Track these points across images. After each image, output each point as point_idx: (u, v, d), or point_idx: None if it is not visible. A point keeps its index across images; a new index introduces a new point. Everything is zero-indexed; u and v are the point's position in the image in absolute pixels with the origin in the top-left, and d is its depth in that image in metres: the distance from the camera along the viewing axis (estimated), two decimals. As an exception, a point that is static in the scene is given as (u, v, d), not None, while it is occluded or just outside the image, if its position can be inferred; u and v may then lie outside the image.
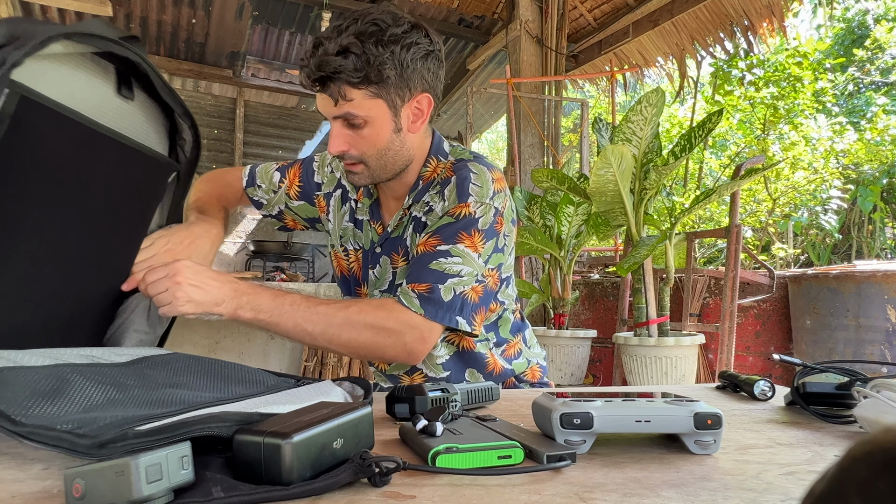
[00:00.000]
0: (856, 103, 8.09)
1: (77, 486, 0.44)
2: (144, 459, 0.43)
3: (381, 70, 0.96)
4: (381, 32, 0.96)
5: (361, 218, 1.21)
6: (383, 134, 1.03)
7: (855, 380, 0.79)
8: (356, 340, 0.99)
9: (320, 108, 1.03)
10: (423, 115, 1.07)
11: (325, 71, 0.95)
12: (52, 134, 0.75)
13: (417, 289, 1.02)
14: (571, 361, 3.52)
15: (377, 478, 0.49)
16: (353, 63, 0.95)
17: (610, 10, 5.12)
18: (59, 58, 0.75)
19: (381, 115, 1.01)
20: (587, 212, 3.39)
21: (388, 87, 0.99)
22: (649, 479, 0.54)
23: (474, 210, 1.06)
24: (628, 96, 9.81)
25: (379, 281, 1.18)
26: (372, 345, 1.00)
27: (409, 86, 1.02)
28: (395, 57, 0.97)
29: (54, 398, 0.58)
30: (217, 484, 0.47)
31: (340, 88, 0.97)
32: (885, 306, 2.73)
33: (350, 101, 0.98)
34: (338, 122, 1.02)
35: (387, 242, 1.16)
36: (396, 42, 0.97)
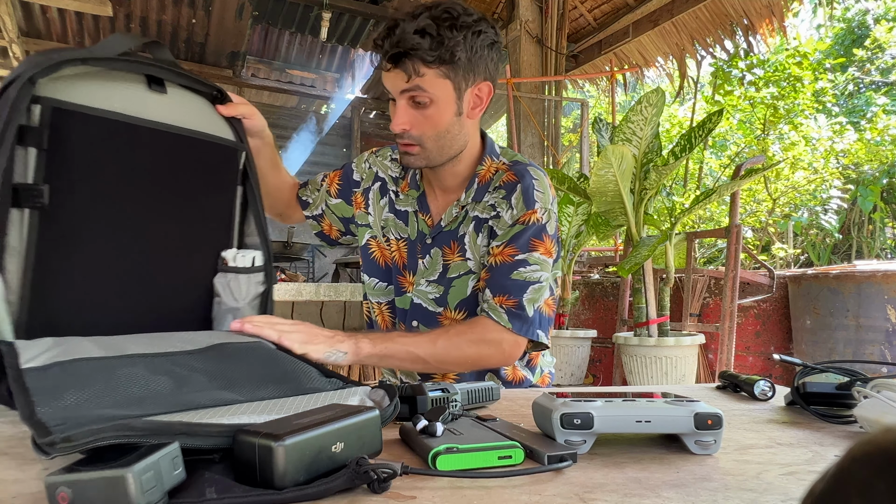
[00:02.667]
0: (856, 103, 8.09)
1: (63, 495, 0.42)
2: (139, 468, 0.42)
3: (453, 52, 1.03)
4: (454, 18, 1.04)
5: (404, 209, 1.25)
6: (446, 115, 1.09)
7: (855, 380, 0.79)
8: (463, 356, 1.09)
9: (389, 86, 1.08)
10: (482, 102, 1.13)
11: (402, 47, 1.01)
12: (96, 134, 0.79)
13: (505, 304, 1.10)
14: (571, 361, 3.52)
15: (375, 484, 0.49)
16: (428, 42, 1.01)
17: (610, 10, 5.12)
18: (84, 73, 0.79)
19: (447, 96, 1.07)
20: (587, 212, 3.39)
21: (457, 69, 1.06)
22: (650, 479, 0.54)
23: (541, 216, 1.13)
24: (628, 96, 9.81)
25: (428, 271, 1.21)
26: (476, 357, 1.10)
27: (474, 71, 1.08)
28: (466, 41, 1.04)
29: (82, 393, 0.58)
30: (212, 485, 0.47)
31: (415, 64, 1.03)
32: (885, 306, 2.72)
33: (421, 77, 1.04)
34: (403, 100, 1.07)
35: (440, 235, 1.21)
36: (468, 28, 1.05)
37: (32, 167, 0.73)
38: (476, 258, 1.18)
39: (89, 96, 0.79)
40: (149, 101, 0.86)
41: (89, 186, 0.79)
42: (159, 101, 0.87)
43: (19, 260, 0.74)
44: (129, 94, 0.84)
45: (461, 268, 1.18)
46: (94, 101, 0.79)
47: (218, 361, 0.73)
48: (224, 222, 0.96)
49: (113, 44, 0.82)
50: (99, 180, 0.80)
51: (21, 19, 5.17)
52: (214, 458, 0.52)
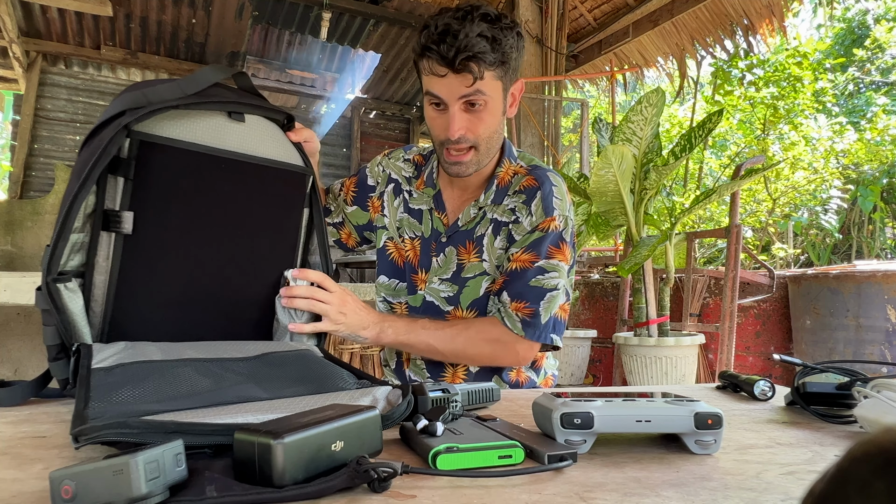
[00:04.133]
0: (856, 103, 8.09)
1: (66, 488, 0.43)
2: (143, 457, 0.43)
3: (507, 53, 1.06)
4: (500, 20, 1.05)
5: (418, 207, 1.27)
6: (496, 116, 1.11)
7: (855, 380, 0.79)
8: (478, 354, 1.15)
9: (442, 93, 1.07)
10: (515, 100, 1.17)
11: (470, 51, 1.02)
12: (177, 164, 0.88)
13: (521, 312, 1.13)
14: (571, 361, 3.52)
15: (375, 483, 0.49)
16: (490, 46, 1.03)
17: (610, 10, 5.12)
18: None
19: (498, 97, 1.10)
20: (587, 212, 3.39)
21: (508, 69, 1.09)
22: (649, 478, 0.54)
23: (559, 224, 1.16)
24: (628, 96, 9.81)
25: (442, 269, 1.22)
26: (490, 355, 1.15)
27: (515, 71, 1.12)
28: (515, 43, 1.07)
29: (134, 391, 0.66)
30: (212, 483, 0.47)
31: (480, 68, 1.04)
32: (885, 306, 2.72)
33: (482, 80, 1.05)
34: (459, 105, 1.07)
35: (456, 234, 1.22)
36: (512, 29, 1.07)
37: (119, 195, 0.83)
38: (492, 260, 1.19)
39: (174, 129, 0.88)
40: (228, 130, 0.94)
41: (169, 212, 0.88)
42: (238, 130, 0.95)
43: (105, 276, 0.84)
44: (211, 125, 0.92)
45: (476, 268, 1.19)
46: (178, 133, 0.88)
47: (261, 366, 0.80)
48: (290, 242, 1.03)
49: (203, 78, 0.91)
50: (178, 206, 0.89)
51: (21, 19, 5.17)
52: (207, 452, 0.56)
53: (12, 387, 0.86)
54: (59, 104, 5.44)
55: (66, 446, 0.64)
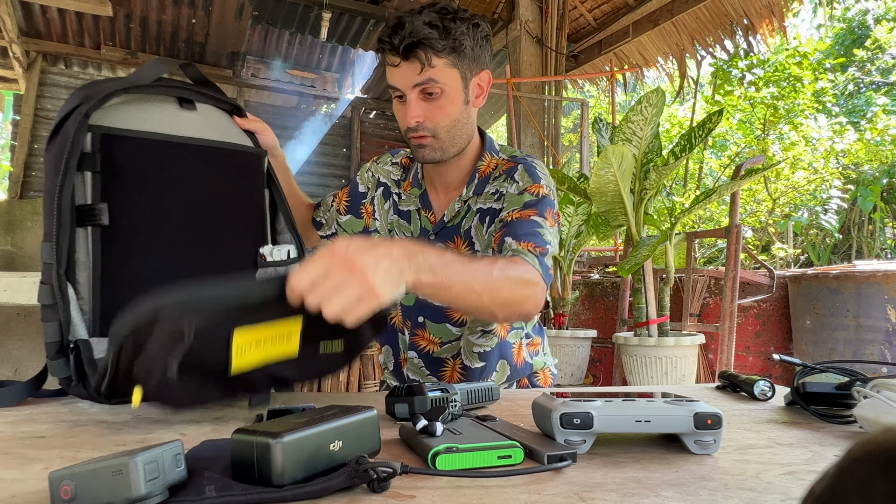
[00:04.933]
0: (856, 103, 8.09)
1: (66, 489, 0.43)
2: (142, 458, 0.43)
3: (460, 41, 1.09)
4: (455, 12, 1.10)
5: (407, 209, 1.28)
6: (456, 104, 1.12)
7: (855, 380, 0.79)
8: (511, 295, 0.98)
9: (398, 82, 1.10)
10: (483, 91, 1.18)
11: (415, 37, 1.05)
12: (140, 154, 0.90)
13: (533, 250, 1.06)
14: (571, 361, 3.52)
15: (375, 483, 0.49)
16: (437, 33, 1.07)
17: (610, 10, 5.12)
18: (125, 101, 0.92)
19: (456, 86, 1.11)
20: (587, 212, 3.39)
21: (464, 58, 1.11)
22: (649, 478, 0.54)
23: (548, 192, 1.15)
24: (628, 96, 9.81)
25: None
26: (520, 298, 0.99)
27: (477, 60, 1.13)
28: (468, 32, 1.10)
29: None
30: (212, 483, 0.47)
31: (427, 54, 1.07)
32: (885, 306, 2.72)
33: (433, 67, 1.08)
34: (415, 94, 1.10)
35: (443, 230, 1.23)
36: (468, 20, 1.11)
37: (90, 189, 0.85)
38: (483, 247, 1.20)
39: (132, 121, 0.90)
40: (182, 119, 0.96)
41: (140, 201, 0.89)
42: (190, 118, 0.97)
43: (88, 272, 0.85)
44: (165, 115, 0.94)
45: None
46: (136, 124, 0.90)
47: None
48: (258, 222, 1.04)
49: (150, 71, 0.94)
50: (148, 195, 0.90)
51: (21, 19, 5.17)
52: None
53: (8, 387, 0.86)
54: (59, 104, 5.43)
55: (66, 446, 0.64)
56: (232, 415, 0.81)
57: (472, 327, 1.22)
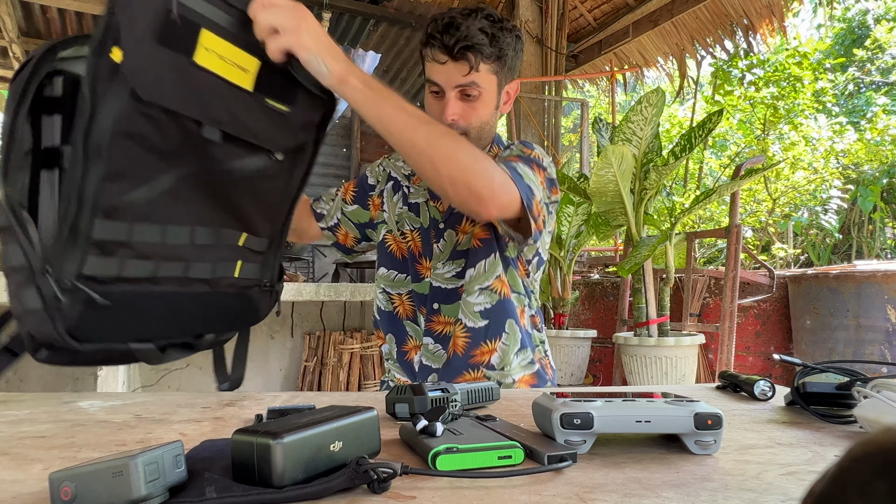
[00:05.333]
0: (856, 103, 8.09)
1: (66, 490, 0.43)
2: (142, 458, 0.43)
3: (505, 51, 1.14)
4: (502, 21, 1.15)
5: (416, 201, 1.31)
6: (489, 108, 1.18)
7: (855, 380, 0.79)
8: (455, 154, 0.94)
9: (441, 79, 1.15)
10: (510, 99, 1.24)
11: (469, 41, 1.10)
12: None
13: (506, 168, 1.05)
14: (571, 361, 3.52)
15: (375, 484, 0.49)
16: (488, 40, 1.12)
17: (610, 10, 5.12)
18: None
19: (492, 91, 1.17)
20: (587, 212, 3.39)
21: (504, 67, 1.17)
22: (649, 479, 0.54)
23: (541, 158, 1.19)
24: (628, 96, 9.81)
25: (443, 254, 1.27)
26: (466, 165, 0.95)
27: (512, 70, 1.20)
28: (512, 43, 1.16)
29: None
30: (212, 484, 0.47)
31: (476, 58, 1.12)
32: (885, 306, 2.73)
33: (478, 72, 1.13)
34: (455, 93, 1.15)
35: (451, 217, 1.26)
36: (511, 31, 1.16)
37: (57, 132, 0.81)
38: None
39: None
40: None
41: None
42: None
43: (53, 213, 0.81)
44: None
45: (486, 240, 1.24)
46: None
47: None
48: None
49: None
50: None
51: (21, 19, 5.17)
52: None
53: None
54: (59, 104, 5.44)
55: (66, 446, 0.64)
56: (232, 414, 0.81)
57: (469, 286, 1.23)
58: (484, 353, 1.23)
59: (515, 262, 1.27)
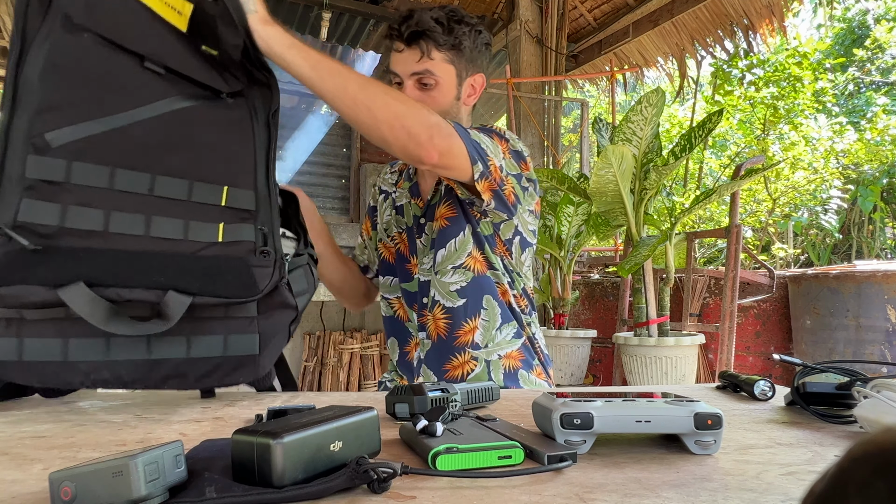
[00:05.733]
0: (856, 103, 8.09)
1: (66, 490, 0.43)
2: (143, 458, 0.43)
3: (460, 41, 1.19)
4: (461, 16, 1.20)
5: (400, 203, 1.36)
6: (447, 98, 1.21)
7: (855, 380, 0.79)
8: (389, 99, 0.96)
9: (398, 68, 1.20)
10: (475, 92, 1.27)
11: (420, 27, 1.15)
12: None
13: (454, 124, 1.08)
14: (571, 361, 3.52)
15: (375, 484, 0.49)
16: (441, 29, 1.17)
17: (610, 10, 5.12)
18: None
19: (450, 81, 1.21)
20: (587, 212, 3.39)
21: (461, 58, 1.21)
22: (649, 479, 0.54)
23: (502, 131, 1.22)
24: (628, 96, 9.81)
25: (425, 247, 1.29)
26: (402, 110, 0.97)
27: (473, 63, 1.23)
28: (469, 35, 1.20)
29: None
30: (212, 484, 0.47)
31: (428, 45, 1.17)
32: (885, 306, 2.73)
33: (431, 59, 1.17)
34: (411, 83, 1.19)
35: (429, 210, 1.30)
36: (471, 25, 1.21)
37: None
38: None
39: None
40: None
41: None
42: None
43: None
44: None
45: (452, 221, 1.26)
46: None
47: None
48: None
49: None
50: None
51: (21, 19, 5.17)
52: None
53: None
54: (59, 104, 5.44)
55: (66, 446, 0.64)
56: (232, 414, 0.81)
57: (442, 267, 1.24)
58: (466, 333, 1.23)
59: (493, 240, 1.25)
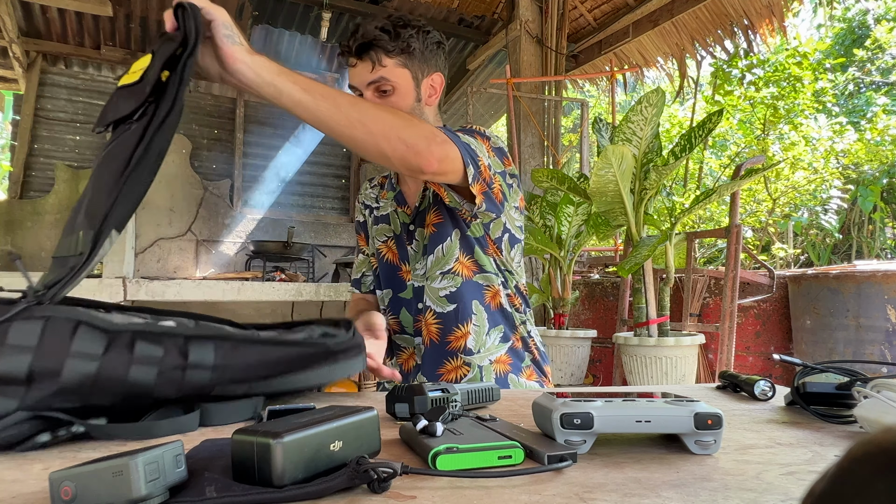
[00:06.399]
0: (856, 103, 8.09)
1: (66, 489, 0.43)
2: (143, 458, 0.43)
3: (409, 43, 1.21)
4: (406, 20, 1.23)
5: (385, 213, 1.38)
6: (407, 101, 1.23)
7: (855, 380, 0.79)
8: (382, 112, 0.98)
9: (355, 81, 1.22)
10: (436, 91, 1.28)
11: (366, 38, 1.18)
12: None
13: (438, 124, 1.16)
14: (571, 361, 3.52)
15: (375, 484, 0.49)
16: (387, 35, 1.19)
17: (610, 10, 5.11)
18: None
19: (406, 84, 1.22)
20: (587, 212, 3.39)
21: (413, 59, 1.22)
22: (650, 479, 0.54)
23: (483, 130, 1.24)
24: (628, 96, 9.81)
25: (417, 253, 1.30)
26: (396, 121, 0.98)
27: (427, 63, 1.24)
28: (418, 36, 1.22)
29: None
30: (212, 483, 0.47)
31: (377, 54, 1.19)
32: (885, 306, 2.72)
33: (384, 66, 1.19)
34: (370, 91, 1.21)
35: (418, 216, 1.31)
36: (418, 27, 1.23)
37: None
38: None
39: None
40: None
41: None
42: None
43: None
44: None
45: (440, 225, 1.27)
46: None
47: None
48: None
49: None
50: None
51: (21, 19, 5.17)
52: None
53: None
54: (59, 104, 5.43)
55: (66, 446, 0.64)
56: (232, 415, 0.81)
57: (431, 273, 1.26)
58: (458, 338, 1.25)
59: (484, 241, 1.26)
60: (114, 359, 0.64)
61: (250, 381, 0.74)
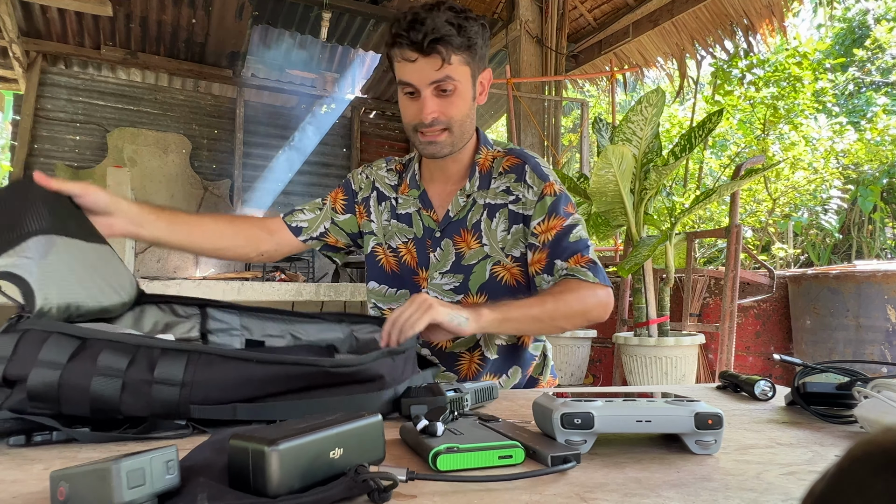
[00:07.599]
0: (856, 103, 8.08)
1: (61, 490, 0.43)
2: (126, 464, 0.42)
3: (473, 40, 1.12)
4: (466, 12, 1.13)
5: (406, 211, 1.29)
6: (467, 100, 1.16)
7: (855, 380, 0.79)
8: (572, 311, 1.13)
9: (413, 78, 1.12)
10: (485, 88, 1.22)
11: (437, 34, 1.08)
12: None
13: (581, 262, 1.16)
14: (571, 361, 3.52)
15: (375, 494, 0.47)
16: (456, 31, 1.09)
17: (610, 10, 5.11)
18: None
19: (466, 83, 1.15)
20: (587, 212, 3.39)
21: (475, 56, 1.15)
22: (650, 479, 0.54)
23: (559, 187, 1.21)
24: (628, 96, 9.81)
25: (440, 263, 1.25)
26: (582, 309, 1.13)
27: (483, 59, 1.18)
28: (479, 32, 1.14)
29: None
30: (204, 490, 0.45)
31: (447, 51, 1.09)
32: (885, 306, 2.72)
33: (450, 65, 1.10)
34: (430, 91, 1.12)
35: (449, 226, 1.25)
36: (477, 20, 1.14)
37: None
38: (493, 244, 1.22)
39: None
40: None
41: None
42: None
43: None
44: None
45: (478, 254, 1.23)
46: None
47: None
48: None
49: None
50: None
51: (21, 19, 5.17)
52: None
53: None
54: (59, 104, 5.43)
55: (66, 446, 0.64)
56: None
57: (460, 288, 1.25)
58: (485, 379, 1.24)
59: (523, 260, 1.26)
60: (75, 368, 0.65)
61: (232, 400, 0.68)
